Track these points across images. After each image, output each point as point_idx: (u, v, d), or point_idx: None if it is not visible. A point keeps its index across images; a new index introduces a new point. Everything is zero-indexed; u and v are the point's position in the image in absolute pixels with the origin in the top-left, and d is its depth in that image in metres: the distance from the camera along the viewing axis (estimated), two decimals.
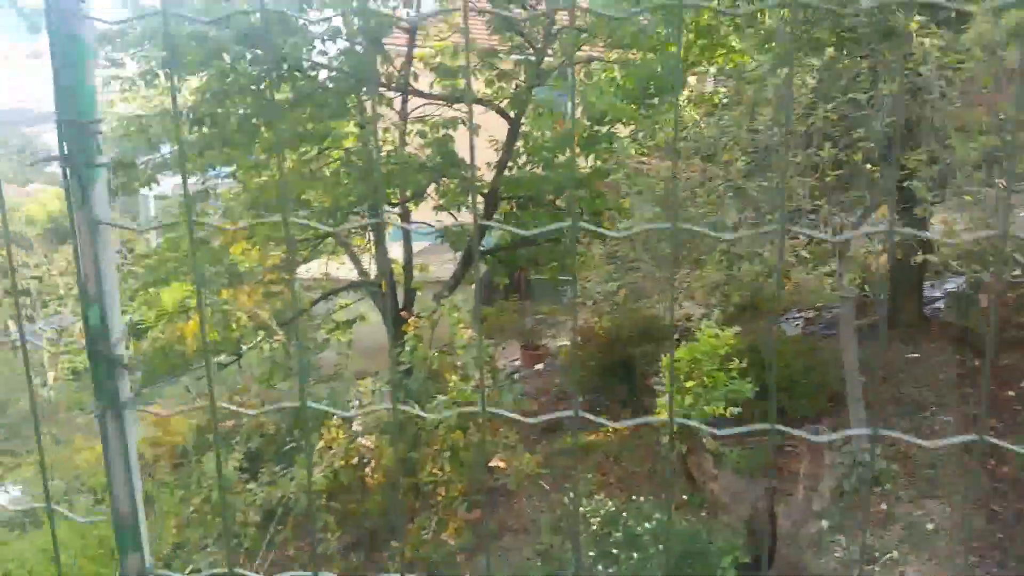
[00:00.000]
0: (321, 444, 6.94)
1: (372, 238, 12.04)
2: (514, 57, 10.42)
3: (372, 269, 12.26)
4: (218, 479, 6.54)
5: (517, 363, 12.45)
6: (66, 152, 1.12)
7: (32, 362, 13.25)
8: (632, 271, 7.19)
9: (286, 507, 6.46)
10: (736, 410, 5.24)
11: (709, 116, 8.19)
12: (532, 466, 7.33)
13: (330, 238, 11.86)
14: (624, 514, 5.56)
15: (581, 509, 5.86)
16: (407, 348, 7.45)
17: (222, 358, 11.44)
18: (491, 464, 8.46)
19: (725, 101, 9.22)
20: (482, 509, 8.05)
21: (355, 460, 6.70)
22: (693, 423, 1.32)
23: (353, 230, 12.58)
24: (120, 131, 8.97)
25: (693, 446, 5.51)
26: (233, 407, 4.11)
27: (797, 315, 11.08)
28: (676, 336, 8.44)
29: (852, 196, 6.54)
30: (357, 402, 7.26)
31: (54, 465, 9.40)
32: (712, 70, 12.08)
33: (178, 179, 11.60)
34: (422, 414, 1.52)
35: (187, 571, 6.19)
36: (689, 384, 5.18)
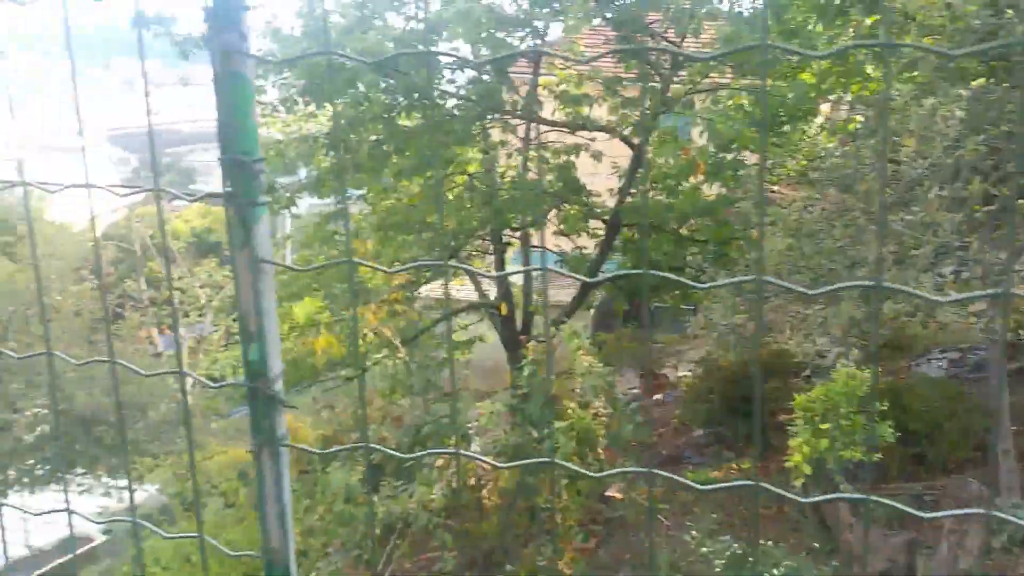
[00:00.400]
0: (440, 463, 7.03)
1: (493, 261, 12.22)
2: (640, 84, 10.36)
3: (492, 291, 12.44)
4: (369, 502, 6.74)
5: (635, 391, 12.29)
6: (230, 190, 1.12)
7: (171, 367, 14.08)
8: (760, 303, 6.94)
9: (405, 522, 6.58)
10: (875, 455, 4.97)
11: (843, 144, 7.88)
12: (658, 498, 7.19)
13: (451, 259, 12.11)
14: (751, 558, 5.35)
15: (704, 549, 5.69)
16: (525, 372, 7.47)
17: (346, 372, 11.86)
18: (607, 494, 8.37)
19: (859, 129, 8.87)
20: (598, 540, 7.97)
21: (473, 481, 6.74)
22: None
23: (474, 253, 12.81)
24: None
25: (829, 492, 5.25)
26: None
27: (941, 356, 10.44)
28: (806, 373, 8.12)
29: (1003, 233, 6.13)
30: (475, 423, 7.32)
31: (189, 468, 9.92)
32: (847, 97, 11.65)
33: (313, 200, 12.12)
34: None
35: None
36: (824, 426, 4.95)
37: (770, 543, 5.94)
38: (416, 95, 8.85)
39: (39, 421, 9.60)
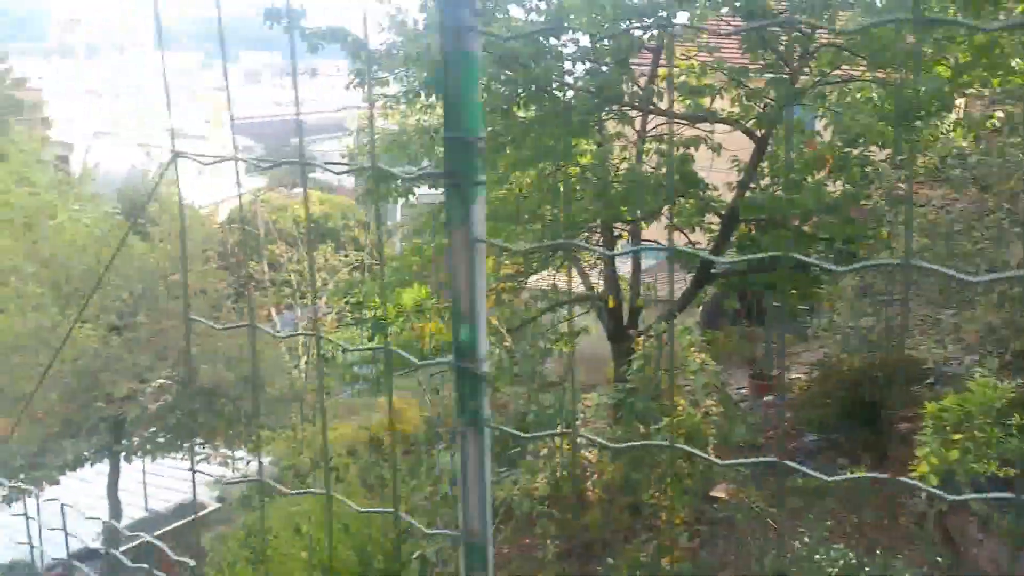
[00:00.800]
0: (544, 452, 7.04)
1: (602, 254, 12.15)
2: (767, 75, 10.04)
3: (599, 284, 12.35)
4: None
5: (743, 392, 11.97)
6: (452, 169, 1.11)
7: (289, 347, 14.64)
8: (888, 305, 6.63)
9: (508, 508, 6.62)
10: (1011, 471, 4.65)
11: (984, 141, 7.41)
12: (760, 502, 6.99)
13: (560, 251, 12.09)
14: (867, 568, 5.12)
15: (816, 556, 5.48)
16: (634, 367, 7.39)
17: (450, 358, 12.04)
18: (712, 494, 8.19)
19: (999, 126, 8.31)
20: (700, 540, 7.80)
21: (577, 472, 6.72)
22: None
23: (583, 245, 12.76)
24: (381, 147, 9.73)
25: (956, 504, 4.96)
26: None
27: None
28: (931, 381, 7.70)
29: None
30: (582, 414, 7.29)
31: (304, 441, 10.31)
32: (986, 92, 10.94)
33: (422, 189, 12.34)
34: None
35: (414, 555, 6.53)
36: (956, 437, 4.66)
37: (886, 553, 5.66)
38: (534, 87, 8.85)
39: (163, 392, 10.17)
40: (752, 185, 10.48)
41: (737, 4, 9.05)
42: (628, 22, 9.13)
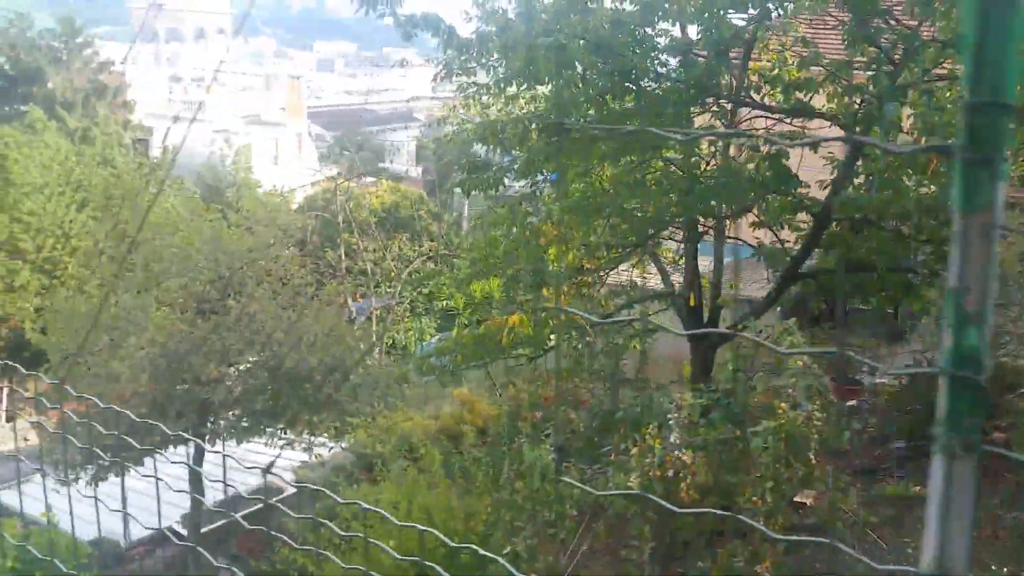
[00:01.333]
0: (635, 451, 6.93)
1: (683, 250, 11.92)
2: (868, 73, 9.71)
3: (678, 280, 12.15)
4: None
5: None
6: (976, 140, 0.93)
7: (364, 335, 14.78)
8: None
9: (599, 506, 6.54)
10: None
11: None
12: (848, 508, 6.78)
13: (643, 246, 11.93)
14: None
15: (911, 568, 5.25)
16: (729, 367, 7.22)
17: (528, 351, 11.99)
18: (798, 500, 7.97)
19: None
20: (787, 546, 7.59)
21: (670, 472, 6.60)
22: None
23: (662, 240, 12.54)
24: (474, 135, 9.69)
25: None
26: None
27: None
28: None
29: None
30: (675, 414, 7.16)
31: (384, 429, 10.38)
32: None
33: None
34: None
35: (504, 551, 6.50)
36: None
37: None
38: (633, 76, 8.70)
39: (250, 376, 10.34)
40: (847, 184, 10.17)
41: None
42: (723, 12, 8.91)
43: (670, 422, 6.90)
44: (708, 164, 10.54)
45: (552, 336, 11.44)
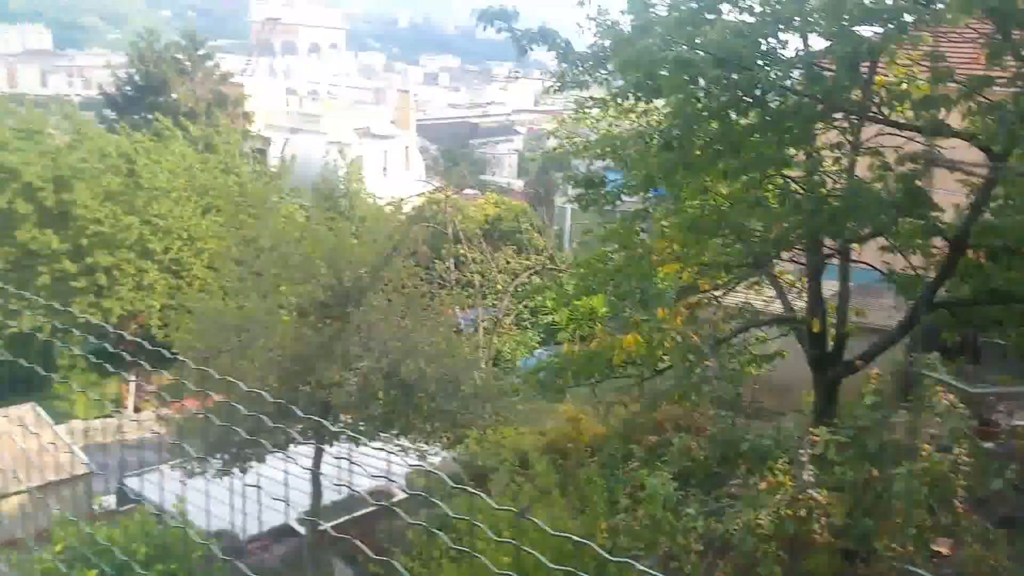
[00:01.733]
0: (764, 486, 6.65)
1: (805, 272, 11.44)
2: (1012, 90, 9.09)
3: (796, 304, 11.66)
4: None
5: None
6: None
7: (472, 345, 14.86)
8: None
9: (726, 541, 6.30)
10: None
11: None
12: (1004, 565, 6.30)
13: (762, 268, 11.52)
14: None
15: None
16: (867, 401, 6.85)
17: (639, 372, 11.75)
18: (934, 548, 7.48)
19: None
20: None
21: (803, 512, 6.29)
22: None
23: (783, 262, 12.09)
24: (590, 150, 9.58)
25: None
26: None
27: None
28: None
29: None
30: (808, 449, 6.82)
31: (495, 442, 10.37)
32: None
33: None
34: None
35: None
36: None
37: None
38: (758, 92, 8.41)
39: (366, 382, 10.52)
40: (984, 208, 9.55)
41: (992, 6, 8.21)
42: (855, 23, 8.50)
43: (802, 458, 6.57)
44: (835, 182, 10.06)
45: (665, 357, 11.18)
